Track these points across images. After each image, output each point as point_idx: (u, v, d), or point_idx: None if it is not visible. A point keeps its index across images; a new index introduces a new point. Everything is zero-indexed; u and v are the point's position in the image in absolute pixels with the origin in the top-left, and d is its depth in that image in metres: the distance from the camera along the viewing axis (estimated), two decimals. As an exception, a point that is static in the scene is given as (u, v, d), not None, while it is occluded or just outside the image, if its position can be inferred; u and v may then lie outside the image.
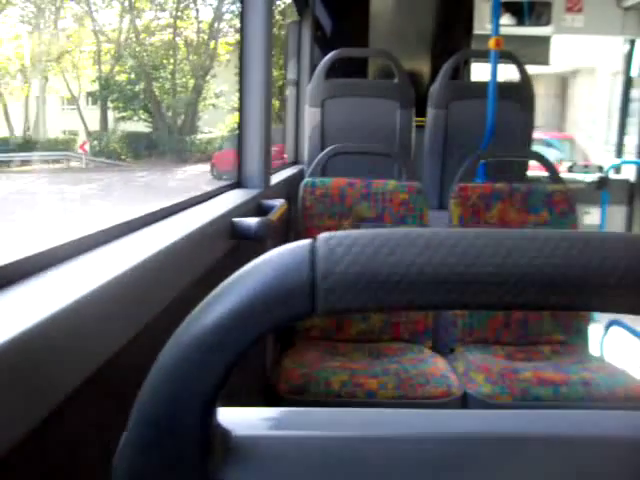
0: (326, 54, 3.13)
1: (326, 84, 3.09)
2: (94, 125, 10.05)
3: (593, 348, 2.43)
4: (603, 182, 4.11)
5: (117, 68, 11.04)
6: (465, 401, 1.95)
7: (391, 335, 2.38)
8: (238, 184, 1.84)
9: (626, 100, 4.47)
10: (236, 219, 1.36)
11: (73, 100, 9.84)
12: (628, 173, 4.42)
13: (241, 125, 1.82)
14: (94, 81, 10.69)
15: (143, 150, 10.50)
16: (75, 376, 0.59)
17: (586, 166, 4.55)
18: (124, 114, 10.92)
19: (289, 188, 2.53)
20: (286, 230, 2.49)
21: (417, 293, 0.35)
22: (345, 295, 0.35)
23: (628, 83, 4.45)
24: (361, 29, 3.84)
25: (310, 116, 3.11)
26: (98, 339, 0.65)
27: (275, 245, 0.37)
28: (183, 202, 1.35)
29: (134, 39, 11.27)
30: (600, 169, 4.40)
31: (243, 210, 1.48)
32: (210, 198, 1.55)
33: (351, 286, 0.35)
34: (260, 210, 1.71)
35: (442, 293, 0.35)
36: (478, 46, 3.70)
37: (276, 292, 0.36)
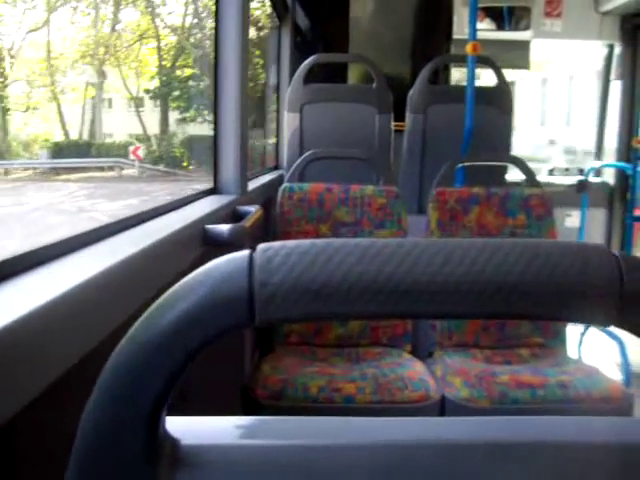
0: (306, 59, 3.13)
1: (304, 89, 3.09)
2: (156, 128, 8.75)
3: (571, 351, 2.44)
4: (583, 185, 4.14)
5: (180, 62, 9.54)
6: (443, 405, 1.95)
7: (370, 339, 2.38)
8: (214, 190, 1.84)
9: (604, 104, 4.50)
10: (209, 226, 1.36)
11: (139, 100, 8.68)
12: (608, 176, 4.45)
13: (216, 130, 1.81)
14: (153, 77, 9.33)
15: (207, 157, 8.91)
16: (40, 380, 0.58)
17: (567, 169, 4.57)
18: (186, 115, 9.41)
19: (269, 193, 2.53)
20: (264, 236, 2.49)
21: (353, 302, 0.35)
22: (282, 305, 0.35)
23: (606, 87, 4.48)
24: (341, 34, 3.84)
25: (289, 121, 3.11)
26: (63, 344, 0.64)
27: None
28: (156, 208, 1.35)
29: (198, 25, 9.62)
30: (580, 172, 4.42)
31: (217, 216, 1.48)
32: (184, 205, 1.55)
33: (288, 295, 0.35)
34: (236, 216, 1.71)
35: (378, 302, 0.35)
36: (458, 50, 3.72)
37: (215, 302, 0.35)
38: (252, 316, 0.35)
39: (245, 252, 0.36)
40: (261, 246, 0.36)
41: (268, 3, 3.39)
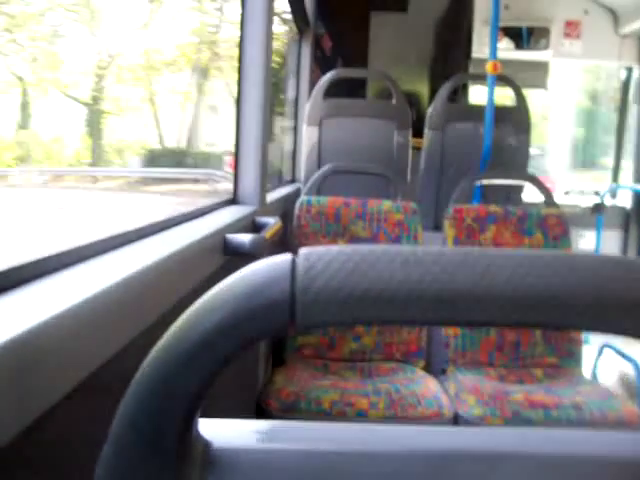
0: (325, 73, 3.15)
1: (324, 103, 3.11)
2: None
3: (586, 371, 2.43)
4: (598, 207, 4.13)
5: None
6: (456, 422, 1.95)
7: (383, 355, 2.38)
8: (234, 201, 1.85)
9: (622, 126, 4.49)
10: (229, 235, 1.37)
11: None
12: (624, 198, 4.44)
13: (238, 142, 1.83)
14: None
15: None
16: (63, 384, 0.59)
17: (582, 190, 4.57)
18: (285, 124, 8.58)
19: (285, 206, 2.54)
20: (281, 248, 2.50)
21: (394, 308, 0.35)
22: (324, 309, 0.35)
23: (624, 109, 4.48)
24: (361, 50, 3.87)
25: (308, 134, 3.13)
26: (86, 350, 0.65)
27: None
28: (178, 217, 1.36)
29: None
30: (596, 194, 4.41)
31: (237, 227, 1.49)
32: (205, 214, 1.56)
33: (330, 300, 0.35)
34: (255, 227, 1.72)
35: (419, 309, 0.35)
36: (476, 69, 3.73)
37: (256, 305, 0.36)
38: (293, 320, 0.36)
39: (287, 256, 0.37)
40: (303, 251, 0.37)
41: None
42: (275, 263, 0.37)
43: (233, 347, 0.37)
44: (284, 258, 0.37)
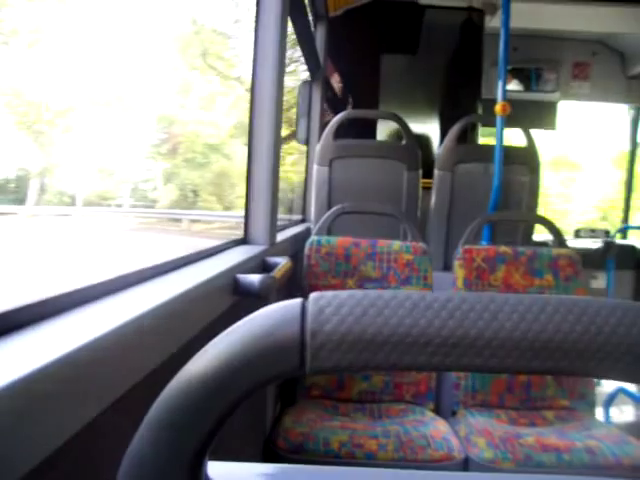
0: (336, 114, 3.19)
1: (335, 144, 3.14)
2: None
3: (599, 414, 2.39)
4: (609, 247, 4.12)
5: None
6: (467, 465, 1.92)
7: (393, 396, 2.36)
8: (244, 240, 1.86)
9: (631, 166, 4.51)
10: (240, 275, 1.37)
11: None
12: (634, 238, 4.43)
13: (248, 183, 1.84)
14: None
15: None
16: (70, 426, 0.59)
17: (593, 230, 4.55)
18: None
19: (296, 245, 2.55)
20: (290, 288, 2.50)
21: (403, 354, 0.36)
22: (333, 354, 0.36)
23: (633, 150, 4.50)
24: (371, 90, 3.91)
25: (318, 175, 3.15)
26: (94, 391, 0.65)
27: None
28: (189, 256, 1.37)
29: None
30: (607, 234, 4.41)
31: (247, 266, 1.49)
32: (216, 253, 1.57)
33: (339, 345, 0.36)
34: (265, 267, 1.72)
35: (427, 355, 0.35)
36: (486, 109, 3.76)
37: (266, 349, 0.36)
38: (302, 364, 0.36)
39: (297, 301, 0.37)
40: (313, 295, 0.37)
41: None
42: (285, 307, 0.37)
43: (242, 391, 0.37)
44: (294, 302, 0.37)
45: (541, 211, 3.22)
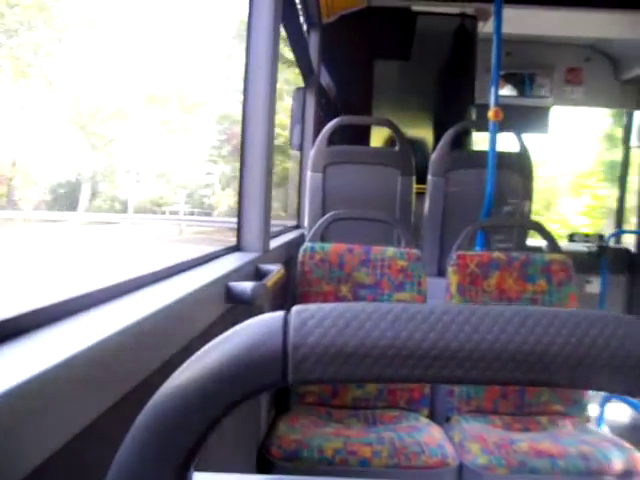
0: (329, 120, 3.19)
1: (328, 150, 3.14)
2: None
3: (592, 420, 2.40)
4: (603, 251, 4.13)
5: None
6: (461, 472, 1.92)
7: (387, 402, 2.36)
8: (237, 247, 1.86)
9: (625, 170, 4.53)
10: (232, 283, 1.37)
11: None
12: (628, 242, 4.45)
13: (241, 190, 1.85)
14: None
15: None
16: (58, 436, 0.59)
17: (587, 235, 4.57)
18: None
19: (289, 252, 2.55)
20: (284, 294, 2.50)
21: (385, 367, 0.36)
22: (316, 366, 0.36)
23: (627, 154, 4.51)
24: (365, 96, 3.92)
25: (312, 181, 3.15)
26: (83, 400, 0.65)
27: (271, 310, 0.38)
28: (180, 264, 1.37)
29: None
30: (601, 238, 4.42)
31: (240, 274, 1.49)
32: (208, 261, 1.57)
33: (321, 358, 0.36)
34: (258, 274, 1.72)
35: (409, 367, 0.36)
36: (479, 115, 3.77)
37: (248, 362, 0.37)
38: (285, 377, 0.36)
39: (279, 313, 0.37)
40: (296, 308, 0.37)
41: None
42: (268, 319, 0.37)
43: (227, 403, 0.37)
44: (276, 315, 0.38)
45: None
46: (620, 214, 4.61)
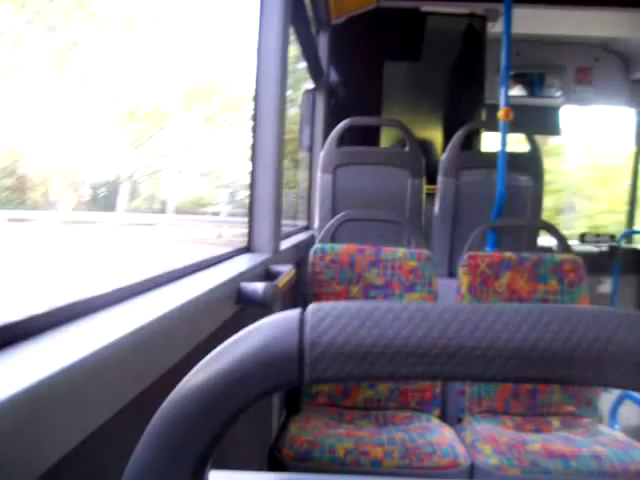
0: (339, 121, 3.19)
1: (338, 152, 3.14)
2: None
3: (605, 420, 2.39)
4: (614, 251, 4.11)
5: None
6: (472, 472, 1.92)
7: (399, 403, 2.36)
8: (248, 249, 1.86)
9: (636, 170, 4.50)
10: (243, 284, 1.38)
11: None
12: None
13: (252, 191, 1.85)
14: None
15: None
16: (74, 435, 0.59)
17: (598, 235, 4.54)
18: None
19: (299, 253, 2.55)
20: (295, 295, 2.50)
21: (400, 365, 0.36)
22: (331, 365, 0.36)
23: (637, 154, 4.49)
24: (374, 97, 3.92)
25: (322, 182, 3.16)
26: (98, 401, 0.65)
27: (282, 311, 0.39)
28: (191, 266, 1.37)
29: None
30: (612, 238, 4.40)
31: (251, 275, 1.50)
32: (219, 262, 1.57)
33: (337, 356, 0.36)
34: (268, 275, 1.73)
35: (424, 365, 0.36)
36: (489, 115, 3.77)
37: (264, 360, 0.37)
38: (301, 375, 0.36)
39: (295, 312, 0.38)
40: (312, 307, 0.37)
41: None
42: (283, 318, 0.38)
43: (243, 402, 0.38)
44: (292, 313, 0.38)
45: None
46: (631, 214, 4.59)
